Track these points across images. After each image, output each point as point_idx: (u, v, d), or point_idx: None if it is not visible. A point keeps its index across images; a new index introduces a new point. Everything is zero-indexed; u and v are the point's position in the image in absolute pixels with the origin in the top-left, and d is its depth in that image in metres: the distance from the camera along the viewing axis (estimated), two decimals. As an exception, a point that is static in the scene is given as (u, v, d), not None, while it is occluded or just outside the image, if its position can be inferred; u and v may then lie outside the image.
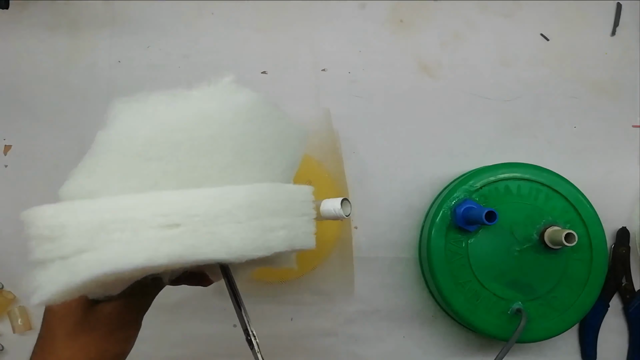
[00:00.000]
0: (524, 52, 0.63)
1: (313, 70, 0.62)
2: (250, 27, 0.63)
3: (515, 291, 0.53)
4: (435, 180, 0.60)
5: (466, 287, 0.53)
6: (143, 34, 0.62)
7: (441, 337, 0.59)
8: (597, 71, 0.63)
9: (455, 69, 0.62)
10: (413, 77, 0.62)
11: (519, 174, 0.55)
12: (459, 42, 0.63)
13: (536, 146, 0.61)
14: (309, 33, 0.63)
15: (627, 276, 0.59)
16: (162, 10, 0.63)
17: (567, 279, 0.53)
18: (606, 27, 0.64)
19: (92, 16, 0.63)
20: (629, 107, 0.62)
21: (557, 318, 0.53)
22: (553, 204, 0.54)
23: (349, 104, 0.61)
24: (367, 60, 0.62)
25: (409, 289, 0.59)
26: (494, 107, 0.62)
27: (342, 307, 0.59)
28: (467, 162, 0.60)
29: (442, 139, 0.61)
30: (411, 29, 0.63)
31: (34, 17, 0.63)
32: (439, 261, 0.53)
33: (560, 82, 0.63)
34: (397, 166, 0.61)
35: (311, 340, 0.58)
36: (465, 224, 0.52)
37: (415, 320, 0.59)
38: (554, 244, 0.52)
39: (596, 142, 0.62)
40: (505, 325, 0.53)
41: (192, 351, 0.58)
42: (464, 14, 0.64)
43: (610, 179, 0.61)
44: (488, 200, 0.54)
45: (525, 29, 0.64)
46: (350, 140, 0.61)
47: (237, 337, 0.59)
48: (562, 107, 0.62)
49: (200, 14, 0.63)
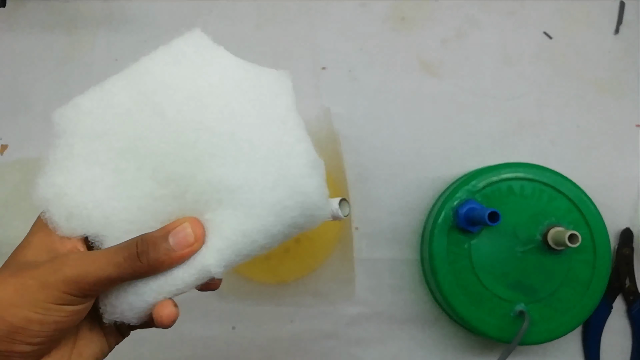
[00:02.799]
0: (526, 50, 0.63)
1: (313, 68, 0.61)
2: (249, 25, 0.62)
3: (518, 293, 0.53)
4: (437, 180, 0.59)
5: (468, 288, 0.53)
6: (141, 32, 0.62)
7: (443, 339, 0.59)
8: (600, 70, 0.63)
9: (457, 68, 0.62)
10: (414, 75, 0.62)
11: (522, 174, 0.54)
12: (461, 40, 0.62)
13: (539, 145, 0.61)
14: (309, 31, 0.62)
15: (630, 277, 0.58)
16: (160, 9, 0.62)
17: (570, 280, 0.53)
18: (609, 25, 0.64)
19: (89, 14, 0.63)
20: (633, 106, 0.62)
21: (560, 320, 0.53)
22: (556, 204, 0.53)
23: (349, 103, 0.61)
24: (368, 59, 0.62)
25: (410, 291, 0.59)
26: (496, 106, 0.61)
27: (342, 309, 0.58)
28: (469, 162, 0.59)
29: (444, 138, 0.61)
30: (412, 26, 0.63)
31: (31, 16, 0.62)
32: (441, 262, 0.53)
33: (563, 81, 0.62)
34: (399, 166, 0.60)
35: (312, 343, 0.58)
36: (468, 225, 0.52)
37: (417, 322, 0.58)
38: (557, 245, 0.51)
39: (600, 141, 0.61)
40: (507, 327, 0.52)
41: (190, 353, 0.57)
42: (466, 12, 0.63)
43: (613, 179, 0.60)
44: (491, 200, 0.54)
45: (528, 27, 0.63)
46: (351, 140, 0.60)
47: (236, 339, 0.58)
48: (565, 106, 0.62)
49: (198, 12, 0.62)
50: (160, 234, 0.31)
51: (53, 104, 0.63)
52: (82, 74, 0.61)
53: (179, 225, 0.31)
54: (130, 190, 0.32)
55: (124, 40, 0.62)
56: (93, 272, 0.29)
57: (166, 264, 0.31)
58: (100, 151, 0.32)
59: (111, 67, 0.61)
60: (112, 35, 0.62)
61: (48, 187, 0.32)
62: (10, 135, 0.60)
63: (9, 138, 0.60)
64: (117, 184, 0.32)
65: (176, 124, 0.31)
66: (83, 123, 0.33)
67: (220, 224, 0.31)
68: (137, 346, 0.57)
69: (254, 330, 0.58)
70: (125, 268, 0.30)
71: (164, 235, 0.31)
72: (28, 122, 0.60)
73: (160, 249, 0.30)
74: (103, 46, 0.62)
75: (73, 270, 0.29)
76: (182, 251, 0.31)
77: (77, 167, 0.32)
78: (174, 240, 0.30)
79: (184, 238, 0.31)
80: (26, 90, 0.61)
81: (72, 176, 0.32)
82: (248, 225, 0.31)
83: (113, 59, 0.62)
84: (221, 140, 0.31)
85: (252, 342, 0.57)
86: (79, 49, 0.62)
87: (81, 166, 0.32)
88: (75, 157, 0.32)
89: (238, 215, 0.31)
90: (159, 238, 0.31)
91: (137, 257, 0.30)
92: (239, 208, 0.31)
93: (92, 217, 0.32)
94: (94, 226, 0.32)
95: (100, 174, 0.32)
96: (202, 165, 0.31)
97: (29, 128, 0.60)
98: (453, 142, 0.61)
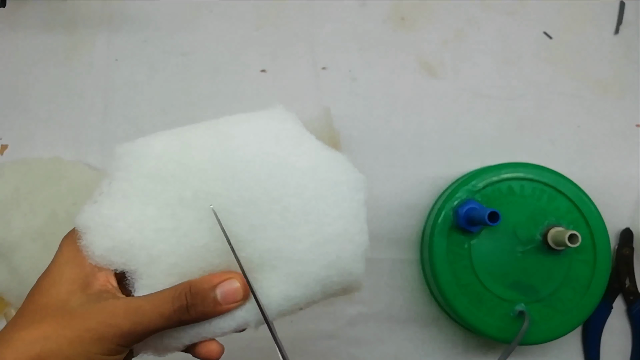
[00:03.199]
0: (526, 50, 0.62)
1: (313, 68, 0.61)
2: (249, 24, 0.62)
3: (518, 293, 0.53)
4: (437, 180, 0.59)
5: (468, 288, 0.52)
6: (141, 32, 0.62)
7: (443, 340, 0.58)
8: (600, 70, 0.62)
9: (458, 67, 0.62)
10: (414, 75, 0.62)
11: (522, 174, 0.54)
12: (461, 40, 0.62)
13: (539, 146, 0.61)
14: (309, 31, 0.62)
15: (630, 278, 0.58)
16: (160, 8, 0.62)
17: (570, 280, 0.53)
18: (609, 25, 0.64)
19: (89, 14, 0.62)
20: (633, 106, 0.62)
21: (560, 320, 0.53)
22: (556, 204, 0.53)
23: (349, 103, 0.61)
24: (368, 59, 0.62)
25: (410, 291, 0.59)
26: (496, 106, 0.61)
27: (342, 309, 0.58)
28: (469, 162, 0.59)
29: (444, 138, 0.61)
30: (413, 26, 0.63)
31: (31, 16, 0.62)
32: (441, 262, 0.53)
33: (564, 81, 0.62)
34: (398, 166, 0.60)
35: (311, 343, 0.58)
36: (468, 225, 0.52)
37: (417, 322, 0.58)
38: (557, 245, 0.51)
39: (600, 141, 0.61)
40: (507, 327, 0.52)
41: (189, 354, 0.57)
42: (466, 12, 0.63)
43: (613, 179, 0.60)
44: (491, 200, 0.54)
45: (528, 27, 0.63)
46: (351, 140, 0.60)
47: (236, 339, 0.58)
48: (566, 106, 0.62)
49: (198, 12, 0.62)
50: (208, 286, 0.31)
51: (53, 104, 0.63)
52: (82, 74, 0.61)
53: (226, 278, 0.32)
54: (183, 238, 0.33)
55: (124, 40, 0.62)
56: (145, 324, 0.29)
57: (210, 315, 0.32)
58: (160, 194, 0.33)
59: (111, 67, 0.61)
60: (113, 35, 0.62)
61: (95, 216, 0.33)
62: (10, 135, 0.60)
63: (9, 138, 0.60)
64: (171, 229, 0.33)
65: (251, 191, 0.33)
66: (150, 164, 0.33)
67: (269, 286, 0.33)
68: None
69: (253, 330, 0.58)
70: (174, 320, 0.30)
71: (212, 288, 0.31)
72: (28, 122, 0.60)
73: (208, 301, 0.31)
74: (103, 46, 0.62)
75: (126, 323, 0.29)
76: (228, 305, 0.32)
77: (133, 205, 0.33)
78: (222, 293, 0.31)
79: (233, 293, 0.32)
80: (26, 90, 0.61)
81: (125, 211, 0.33)
82: (294, 292, 0.33)
83: (113, 58, 0.61)
84: (295, 217, 0.33)
85: (251, 342, 0.57)
86: (79, 49, 0.62)
87: (137, 204, 0.33)
88: (132, 194, 0.33)
89: (288, 282, 0.33)
90: (208, 290, 0.31)
91: (187, 310, 0.30)
92: (290, 276, 0.33)
93: (136, 255, 0.32)
94: (134, 263, 0.32)
95: (155, 215, 0.33)
96: (268, 234, 0.33)
97: (29, 128, 0.60)
98: (453, 142, 0.61)
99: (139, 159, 0.33)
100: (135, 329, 0.29)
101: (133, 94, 0.61)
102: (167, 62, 0.61)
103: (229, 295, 0.32)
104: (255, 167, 0.33)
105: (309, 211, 0.33)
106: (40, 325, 0.29)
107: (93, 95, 0.61)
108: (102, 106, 0.61)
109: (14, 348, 0.28)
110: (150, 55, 0.62)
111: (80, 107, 0.61)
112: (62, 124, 0.60)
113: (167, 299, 0.30)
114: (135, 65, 0.61)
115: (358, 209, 0.34)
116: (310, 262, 0.33)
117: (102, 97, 0.61)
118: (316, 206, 0.33)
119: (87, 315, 0.29)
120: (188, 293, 0.31)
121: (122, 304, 0.30)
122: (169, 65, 0.61)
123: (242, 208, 0.32)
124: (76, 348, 0.28)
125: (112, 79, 0.61)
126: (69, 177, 0.57)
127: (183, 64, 0.61)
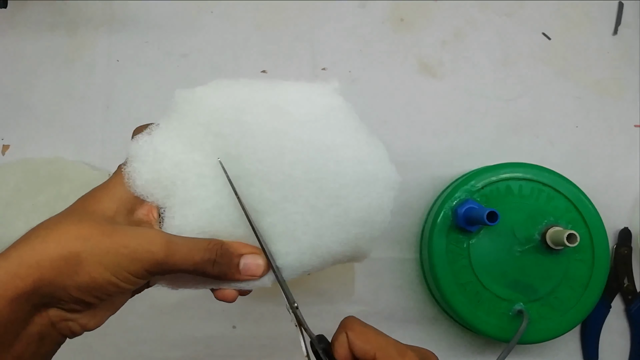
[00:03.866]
0: (525, 51, 0.63)
1: (313, 69, 0.62)
2: (249, 25, 0.63)
3: (516, 292, 0.53)
4: (436, 180, 0.60)
5: (467, 288, 0.53)
6: (142, 33, 0.62)
7: (442, 339, 0.59)
8: (598, 70, 0.63)
9: (457, 68, 0.62)
10: (414, 76, 0.62)
11: (521, 174, 0.54)
12: (460, 41, 0.63)
13: (538, 146, 0.61)
14: (309, 32, 0.62)
15: (629, 277, 0.58)
16: (161, 9, 0.63)
17: (568, 279, 0.53)
18: (608, 26, 0.64)
19: (90, 15, 0.63)
20: (632, 107, 0.62)
21: (558, 319, 0.53)
22: (555, 204, 0.54)
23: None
24: (367, 59, 0.62)
25: (409, 290, 0.59)
26: (496, 106, 0.62)
27: (342, 308, 0.58)
28: (468, 162, 0.59)
29: (443, 138, 0.61)
30: (412, 27, 0.63)
31: (32, 17, 0.63)
32: (440, 262, 0.53)
33: (562, 82, 0.62)
34: (398, 166, 0.59)
35: (311, 342, 0.58)
36: (467, 225, 0.52)
37: (416, 321, 0.59)
38: (555, 245, 0.51)
39: (598, 141, 0.61)
40: (506, 326, 0.52)
41: (191, 352, 0.57)
42: (465, 13, 0.63)
43: (612, 179, 0.60)
44: (489, 200, 0.54)
45: (527, 27, 0.63)
46: (351, 140, 0.60)
47: (237, 338, 0.59)
48: (564, 107, 0.62)
49: (199, 13, 0.63)
50: (236, 252, 0.33)
51: (55, 105, 0.63)
52: (83, 74, 0.61)
53: (253, 252, 0.34)
54: (221, 188, 0.34)
55: (125, 40, 0.62)
56: (176, 262, 0.31)
57: (227, 279, 0.33)
58: (209, 144, 0.34)
59: (113, 67, 0.62)
60: (114, 36, 0.62)
61: (146, 146, 0.34)
62: (12, 135, 0.60)
63: (11, 138, 0.60)
64: (212, 177, 0.34)
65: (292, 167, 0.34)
66: (205, 115, 0.34)
67: (286, 252, 0.35)
68: (138, 345, 0.57)
69: (254, 329, 0.58)
70: (199, 267, 0.32)
71: (239, 255, 0.33)
72: (30, 122, 0.60)
73: (231, 265, 0.33)
74: (104, 47, 0.62)
75: (161, 254, 0.30)
76: (245, 276, 0.34)
77: (183, 146, 0.34)
78: (245, 264, 0.33)
79: (255, 268, 0.34)
80: (28, 91, 0.61)
81: (174, 150, 0.34)
82: (309, 261, 0.35)
83: (114, 59, 0.62)
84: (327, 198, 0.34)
85: (252, 341, 0.58)
86: (80, 50, 0.62)
87: (187, 146, 0.34)
88: (184, 136, 0.34)
89: (305, 253, 0.35)
90: (235, 256, 0.33)
91: (212, 264, 0.32)
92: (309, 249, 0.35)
93: (175, 193, 0.34)
94: (171, 201, 0.34)
95: (200, 162, 0.34)
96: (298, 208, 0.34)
97: (31, 128, 0.60)
98: (452, 142, 0.61)
99: (197, 108, 0.34)
100: (167, 261, 0.31)
101: (134, 95, 0.61)
102: (168, 62, 0.62)
103: (250, 268, 0.33)
104: (303, 149, 0.34)
105: (341, 195, 0.34)
106: (85, 226, 0.31)
107: (94, 95, 0.61)
108: (104, 106, 0.61)
109: (57, 239, 0.30)
110: (151, 56, 0.62)
111: (82, 107, 0.61)
112: (63, 124, 0.60)
113: (201, 246, 0.32)
114: (136, 66, 0.62)
115: (387, 203, 0.36)
116: (330, 239, 0.35)
117: (103, 98, 0.61)
118: (348, 193, 0.34)
119: (129, 234, 0.31)
120: (219, 250, 0.32)
121: (162, 236, 0.31)
122: (170, 66, 0.62)
123: (279, 178, 0.33)
124: (111, 258, 0.30)
125: (113, 79, 0.61)
126: (70, 177, 0.58)
127: (184, 64, 0.62)
